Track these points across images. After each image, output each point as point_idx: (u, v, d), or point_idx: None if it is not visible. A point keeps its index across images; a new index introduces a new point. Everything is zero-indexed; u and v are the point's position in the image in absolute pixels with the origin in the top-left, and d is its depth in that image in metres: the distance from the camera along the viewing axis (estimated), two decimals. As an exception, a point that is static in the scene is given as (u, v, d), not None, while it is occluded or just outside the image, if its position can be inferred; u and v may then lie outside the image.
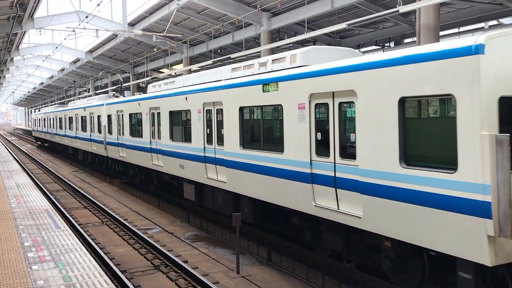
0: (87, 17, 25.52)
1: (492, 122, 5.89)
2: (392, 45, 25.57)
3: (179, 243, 12.98)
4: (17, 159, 35.40)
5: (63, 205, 18.27)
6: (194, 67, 31.07)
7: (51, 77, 63.38)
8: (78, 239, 10.34)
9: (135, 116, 18.87)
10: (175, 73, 35.22)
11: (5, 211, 12.12)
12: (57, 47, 36.11)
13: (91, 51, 41.39)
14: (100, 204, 17.70)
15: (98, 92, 44.45)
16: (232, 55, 23.24)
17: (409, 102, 6.94)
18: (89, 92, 55.59)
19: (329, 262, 10.12)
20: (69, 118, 31.76)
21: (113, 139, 21.79)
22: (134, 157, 18.98)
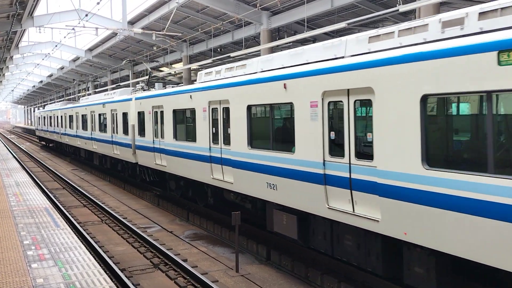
0: (86, 15, 25.53)
1: None
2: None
3: (178, 241, 12.98)
4: (17, 157, 35.39)
5: (63, 204, 18.28)
6: (194, 65, 31.04)
7: (51, 76, 63.35)
8: (78, 237, 10.35)
9: (183, 114, 14.54)
10: (174, 72, 35.19)
11: (5, 209, 12.12)
12: (56, 46, 36.12)
13: (90, 50, 41.37)
14: (99, 203, 17.71)
15: (122, 84, 38.60)
16: (232, 53, 23.24)
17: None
18: (88, 90, 55.48)
19: (328, 260, 10.13)
20: (83, 116, 27.66)
21: (146, 142, 17.36)
22: (181, 167, 14.53)
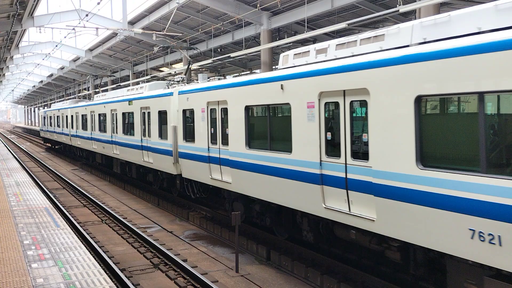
0: (87, 15, 25.54)
1: None
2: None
3: (178, 241, 12.99)
4: (17, 157, 35.39)
5: (63, 204, 18.29)
6: (194, 66, 31.05)
7: (51, 75, 63.37)
8: (78, 237, 10.35)
9: (266, 111, 10.55)
10: (175, 72, 35.20)
11: (5, 209, 12.13)
12: (57, 46, 36.12)
13: (91, 50, 41.39)
14: (99, 203, 17.71)
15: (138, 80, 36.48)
16: (232, 54, 23.25)
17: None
18: (88, 90, 55.46)
19: (328, 261, 10.13)
20: (100, 115, 24.11)
21: (197, 150, 13.50)
22: (258, 187, 10.77)
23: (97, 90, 35.48)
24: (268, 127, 10.39)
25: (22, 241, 9.09)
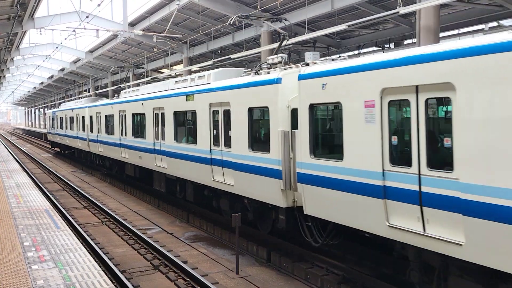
0: (87, 17, 25.55)
1: None
2: (392, 46, 25.60)
3: (178, 243, 12.99)
4: (17, 158, 35.39)
5: (63, 205, 18.28)
6: (195, 67, 31.07)
7: (51, 77, 63.42)
8: (78, 239, 10.34)
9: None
10: (175, 73, 35.19)
11: (5, 211, 12.13)
12: (57, 47, 36.13)
13: (91, 51, 41.40)
14: (99, 204, 17.71)
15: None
16: (232, 55, 23.26)
17: None
18: (89, 91, 55.47)
19: (329, 262, 10.13)
20: (135, 116, 19.36)
21: (345, 172, 8.31)
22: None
23: (121, 85, 27.40)
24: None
25: (22, 242, 9.09)
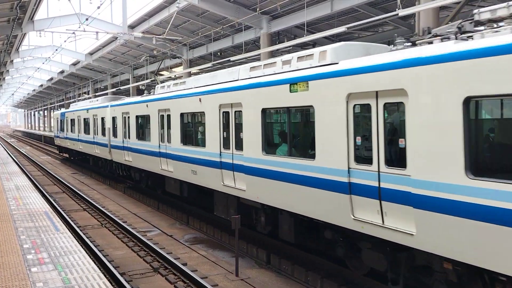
0: (87, 19, 25.61)
1: None
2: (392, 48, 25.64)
3: (178, 245, 12.97)
4: (17, 161, 35.38)
5: (63, 208, 18.27)
6: (194, 69, 31.10)
7: (51, 79, 63.46)
8: (77, 241, 10.35)
9: None
10: (175, 75, 35.21)
11: (5, 213, 12.12)
12: (57, 49, 36.17)
13: (91, 54, 41.46)
14: (99, 207, 17.70)
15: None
16: (232, 57, 23.28)
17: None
18: (88, 94, 55.45)
19: (328, 265, 10.12)
20: (187, 116, 14.32)
21: None
22: None
23: (152, 81, 24.33)
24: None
25: (22, 245, 9.08)
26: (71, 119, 31.20)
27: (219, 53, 31.03)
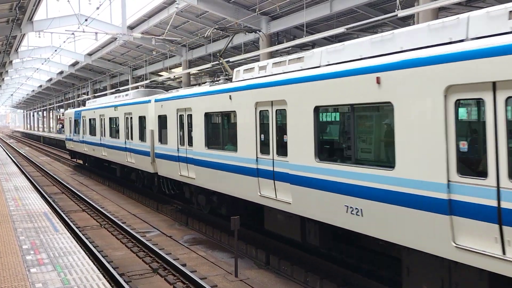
0: (86, 20, 25.62)
1: None
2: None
3: (177, 246, 12.97)
4: (16, 161, 35.35)
5: (62, 208, 18.26)
6: (193, 70, 31.11)
7: (50, 80, 63.46)
8: (77, 242, 10.34)
9: None
10: (173, 76, 35.24)
11: (4, 214, 12.11)
12: (56, 50, 36.18)
13: (90, 54, 41.46)
14: (98, 207, 17.69)
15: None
16: (231, 58, 23.28)
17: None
18: (87, 94, 55.46)
19: (328, 265, 10.13)
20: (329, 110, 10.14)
21: None
22: None
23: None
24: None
25: (21, 245, 9.07)
26: (90, 119, 26.17)
27: (218, 54, 31.02)
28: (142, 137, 18.31)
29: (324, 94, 8.50)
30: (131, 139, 19.44)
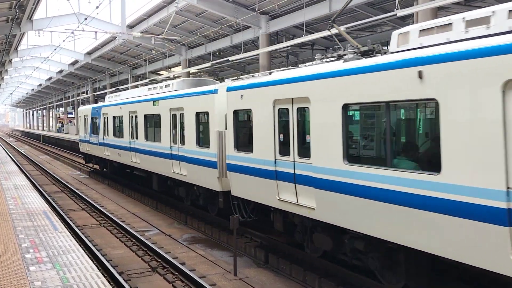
0: (86, 19, 25.62)
1: None
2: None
3: (176, 245, 12.99)
4: (15, 160, 35.35)
5: (61, 207, 18.27)
6: (193, 69, 31.12)
7: (50, 79, 63.44)
8: (76, 240, 10.35)
9: None
10: (173, 75, 35.27)
11: (3, 213, 12.13)
12: (55, 49, 36.16)
13: (89, 53, 41.46)
14: (98, 206, 17.70)
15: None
16: (231, 57, 23.31)
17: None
18: (87, 93, 55.46)
19: (327, 264, 10.14)
20: None
21: None
22: None
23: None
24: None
25: (20, 244, 9.09)
26: (114, 117, 21.58)
27: (217, 53, 31.06)
28: (202, 142, 13.81)
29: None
30: (182, 143, 14.90)
